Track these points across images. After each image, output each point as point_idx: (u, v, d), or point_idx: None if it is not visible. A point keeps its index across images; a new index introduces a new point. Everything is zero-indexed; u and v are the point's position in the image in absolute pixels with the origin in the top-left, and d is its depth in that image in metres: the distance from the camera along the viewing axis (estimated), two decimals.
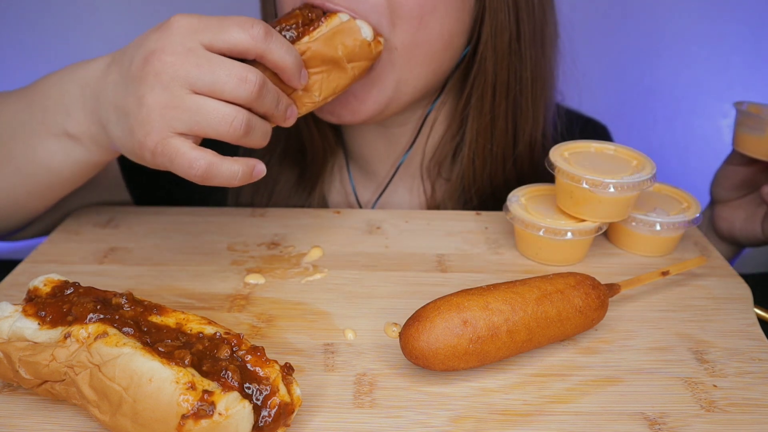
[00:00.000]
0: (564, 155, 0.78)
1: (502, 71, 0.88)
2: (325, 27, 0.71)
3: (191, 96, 0.61)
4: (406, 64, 0.82)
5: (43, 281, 0.58)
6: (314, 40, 0.70)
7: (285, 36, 0.69)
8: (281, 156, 0.98)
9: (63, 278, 0.59)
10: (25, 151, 0.75)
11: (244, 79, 0.61)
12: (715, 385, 0.59)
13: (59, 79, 0.73)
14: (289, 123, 0.69)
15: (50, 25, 1.39)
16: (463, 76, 0.91)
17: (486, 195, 0.95)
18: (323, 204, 0.99)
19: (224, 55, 0.63)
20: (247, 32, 0.62)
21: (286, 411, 0.49)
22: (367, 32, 0.73)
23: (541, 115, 0.93)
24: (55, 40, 1.40)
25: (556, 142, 0.95)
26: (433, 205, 0.98)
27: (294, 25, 0.70)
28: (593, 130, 1.12)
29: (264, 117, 0.66)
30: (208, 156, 0.61)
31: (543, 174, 0.88)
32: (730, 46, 1.43)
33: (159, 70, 0.61)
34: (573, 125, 1.02)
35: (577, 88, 1.01)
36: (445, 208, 0.96)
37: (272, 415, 0.49)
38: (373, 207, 0.99)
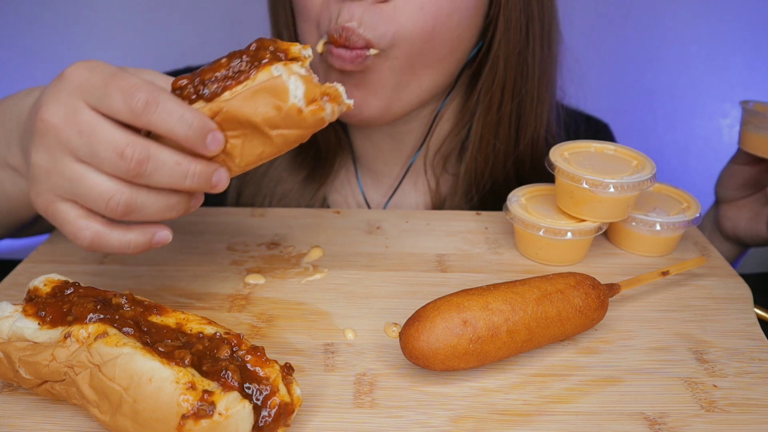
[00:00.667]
0: (564, 155, 0.78)
1: (511, 71, 0.89)
2: (252, 81, 0.57)
3: (73, 164, 0.55)
4: (408, 69, 0.83)
5: (43, 281, 0.58)
6: (233, 97, 0.57)
7: (204, 92, 0.58)
8: (290, 156, 0.99)
9: (63, 278, 0.59)
10: None
11: (121, 155, 0.54)
12: (715, 385, 0.59)
13: (7, 106, 0.71)
14: (218, 189, 0.59)
15: (50, 25, 1.39)
16: (472, 73, 0.92)
17: (486, 191, 0.96)
18: (328, 206, 1.00)
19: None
20: (127, 103, 0.54)
21: (286, 411, 0.49)
22: (298, 94, 0.56)
23: (544, 113, 0.94)
24: (55, 40, 1.40)
25: (557, 140, 0.96)
26: (437, 200, 0.98)
27: (215, 78, 0.58)
28: (595, 128, 1.12)
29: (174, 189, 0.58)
30: (95, 226, 0.57)
31: (542, 171, 0.89)
32: (730, 46, 1.43)
33: (43, 132, 0.56)
34: (574, 123, 1.02)
35: (580, 88, 1.01)
36: (449, 202, 0.97)
37: (272, 415, 0.49)
38: (384, 208, 1.00)
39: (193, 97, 0.58)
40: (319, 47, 0.81)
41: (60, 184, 0.56)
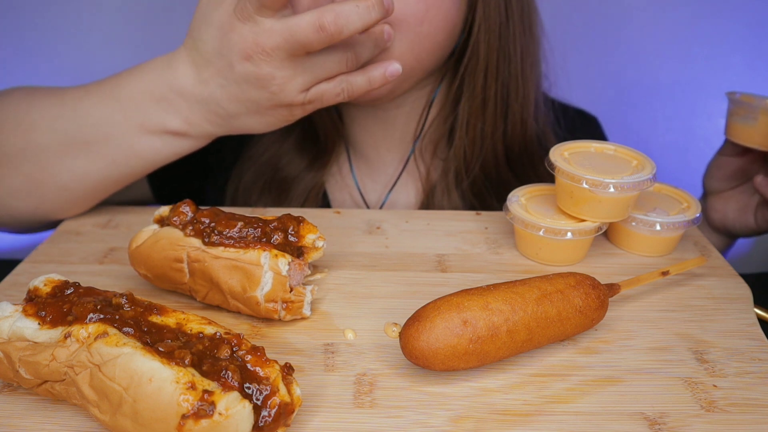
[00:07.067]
0: (564, 155, 0.78)
1: (492, 53, 0.92)
2: (242, 253, 0.62)
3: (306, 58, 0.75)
4: (409, 54, 0.85)
5: (43, 281, 0.58)
6: (217, 259, 0.63)
7: (206, 239, 0.64)
8: (293, 144, 1.01)
9: (63, 278, 0.59)
10: (122, 147, 0.81)
11: (320, 28, 0.71)
12: (715, 385, 0.59)
13: (143, 83, 0.79)
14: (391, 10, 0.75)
15: (50, 25, 1.39)
16: (456, 58, 0.94)
17: (477, 175, 0.97)
18: (324, 192, 1.01)
19: None
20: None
21: (286, 411, 0.49)
22: (263, 291, 0.63)
23: (530, 94, 0.96)
24: (55, 40, 1.40)
25: (546, 122, 0.98)
26: (428, 185, 0.99)
27: (222, 234, 0.64)
28: (587, 120, 1.13)
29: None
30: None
31: (533, 154, 0.89)
32: (730, 46, 1.43)
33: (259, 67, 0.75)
34: (565, 115, 1.04)
35: (580, 88, 1.01)
36: (440, 187, 0.98)
37: (272, 415, 0.49)
38: (383, 203, 1.01)
39: (202, 235, 0.64)
40: None
41: (305, 77, 0.74)
